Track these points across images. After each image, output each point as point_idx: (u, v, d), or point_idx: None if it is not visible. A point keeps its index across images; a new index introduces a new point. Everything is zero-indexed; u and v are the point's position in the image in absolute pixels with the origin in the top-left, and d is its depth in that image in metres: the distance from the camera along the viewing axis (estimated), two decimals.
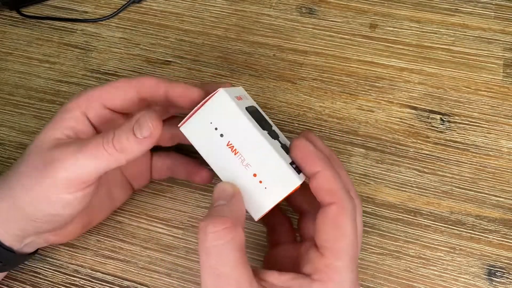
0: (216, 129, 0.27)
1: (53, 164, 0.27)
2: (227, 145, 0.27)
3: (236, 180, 0.27)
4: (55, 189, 0.28)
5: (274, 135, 0.28)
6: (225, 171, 0.27)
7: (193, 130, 0.28)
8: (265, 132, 0.27)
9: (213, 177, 0.37)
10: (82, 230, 0.34)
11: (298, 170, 0.27)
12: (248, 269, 0.24)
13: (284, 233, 0.32)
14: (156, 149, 0.38)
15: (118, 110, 0.31)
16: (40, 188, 0.28)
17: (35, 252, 0.33)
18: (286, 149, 0.28)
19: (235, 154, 0.26)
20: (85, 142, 0.28)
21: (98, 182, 0.30)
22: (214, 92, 0.27)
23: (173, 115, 0.36)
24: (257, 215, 0.27)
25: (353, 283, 0.25)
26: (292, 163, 0.27)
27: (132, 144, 0.27)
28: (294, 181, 0.26)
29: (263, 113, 0.30)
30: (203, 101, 0.27)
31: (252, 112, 0.28)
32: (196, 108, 0.27)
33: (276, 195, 0.26)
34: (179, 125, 0.28)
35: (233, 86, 0.30)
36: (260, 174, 0.26)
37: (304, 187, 0.28)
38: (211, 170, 0.29)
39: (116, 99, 0.31)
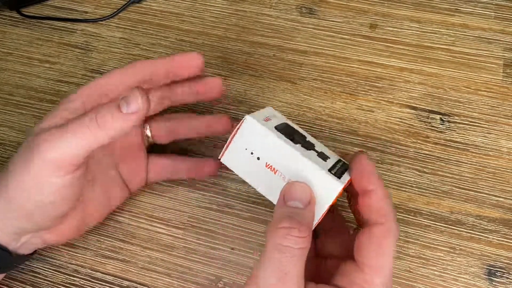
0: (252, 153, 0.28)
1: (39, 147, 0.27)
2: (266, 166, 0.27)
3: None
4: (42, 173, 0.27)
5: (308, 146, 0.28)
6: (271, 191, 0.28)
7: (232, 159, 0.29)
8: (298, 145, 0.27)
9: (220, 167, 0.37)
10: (78, 230, 0.33)
11: (339, 175, 0.27)
12: (304, 279, 0.25)
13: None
14: (152, 151, 0.38)
15: None
16: (28, 174, 0.27)
17: (33, 254, 0.33)
18: (324, 156, 0.28)
19: (275, 173, 0.27)
20: (70, 121, 0.28)
21: (87, 166, 0.30)
22: (242, 120, 0.28)
23: (169, 106, 0.36)
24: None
25: None
26: (331, 169, 0.27)
27: (116, 121, 0.27)
28: (336, 186, 0.26)
29: (296, 127, 0.30)
30: (235, 130, 0.28)
31: (282, 129, 0.28)
32: (230, 138, 0.28)
33: (323, 203, 0.27)
34: (219, 157, 0.29)
35: (261, 108, 0.31)
36: None
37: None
38: (217, 160, 0.30)
39: (116, 87, 0.31)
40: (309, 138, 0.30)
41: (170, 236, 0.37)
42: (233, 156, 0.28)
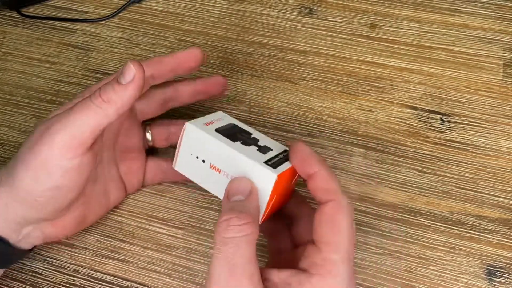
0: (197, 157, 0.30)
1: (47, 130, 0.28)
2: (211, 167, 0.29)
3: None
4: (52, 157, 0.28)
5: (250, 142, 0.30)
6: (220, 191, 0.29)
7: (184, 166, 0.31)
8: (237, 142, 0.29)
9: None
10: (77, 226, 0.33)
11: (276, 165, 0.28)
12: (257, 265, 0.25)
13: (284, 240, 0.32)
14: (150, 154, 0.38)
15: None
16: (37, 159, 0.28)
17: (31, 250, 0.33)
18: (266, 149, 0.30)
19: (219, 173, 0.29)
20: (76, 102, 0.29)
21: (95, 151, 0.30)
22: (183, 128, 0.29)
23: (170, 108, 0.37)
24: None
25: (350, 276, 0.26)
26: (267, 161, 0.28)
27: (118, 92, 0.28)
28: (271, 176, 0.27)
29: (242, 125, 0.32)
30: (179, 138, 0.30)
31: (224, 130, 0.30)
32: (177, 146, 0.30)
33: (265, 193, 0.28)
34: (172, 165, 0.31)
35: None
36: None
37: (294, 195, 0.30)
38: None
39: None
40: (255, 134, 0.31)
41: (170, 236, 0.37)
42: (183, 163, 0.31)
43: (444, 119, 0.41)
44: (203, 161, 0.29)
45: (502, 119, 0.40)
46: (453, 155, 0.39)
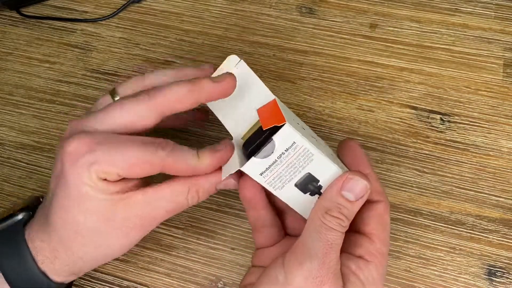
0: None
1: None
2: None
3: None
4: (116, 222, 0.28)
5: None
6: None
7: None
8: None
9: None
10: (96, 262, 0.31)
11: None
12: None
13: (276, 229, 0.32)
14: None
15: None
16: (94, 226, 0.28)
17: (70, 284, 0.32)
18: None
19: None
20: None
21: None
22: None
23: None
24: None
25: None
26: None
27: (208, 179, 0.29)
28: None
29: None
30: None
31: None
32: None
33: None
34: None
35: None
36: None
37: None
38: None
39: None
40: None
41: (170, 236, 0.37)
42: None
43: (444, 119, 0.41)
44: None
45: (502, 119, 0.40)
46: (453, 155, 0.39)
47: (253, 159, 0.26)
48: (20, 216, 0.31)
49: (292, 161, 0.27)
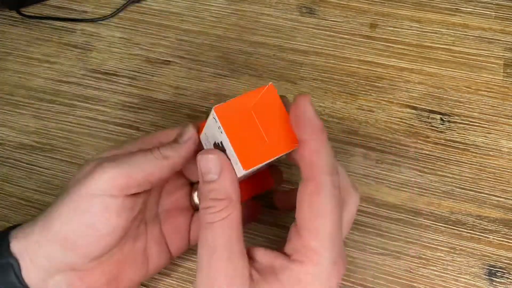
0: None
1: (100, 164, 0.27)
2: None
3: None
4: (96, 189, 0.27)
5: None
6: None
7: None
8: None
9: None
10: (107, 286, 0.29)
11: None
12: (241, 244, 0.25)
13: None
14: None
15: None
16: (81, 190, 0.27)
17: None
18: None
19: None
20: (127, 147, 0.30)
21: (138, 202, 0.29)
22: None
23: None
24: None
25: (335, 263, 0.24)
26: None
27: (176, 150, 0.29)
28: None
29: None
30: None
31: None
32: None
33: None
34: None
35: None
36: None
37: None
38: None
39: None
40: None
41: None
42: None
43: (444, 119, 0.41)
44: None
45: (503, 119, 0.40)
46: (453, 155, 0.39)
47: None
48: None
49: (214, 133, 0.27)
